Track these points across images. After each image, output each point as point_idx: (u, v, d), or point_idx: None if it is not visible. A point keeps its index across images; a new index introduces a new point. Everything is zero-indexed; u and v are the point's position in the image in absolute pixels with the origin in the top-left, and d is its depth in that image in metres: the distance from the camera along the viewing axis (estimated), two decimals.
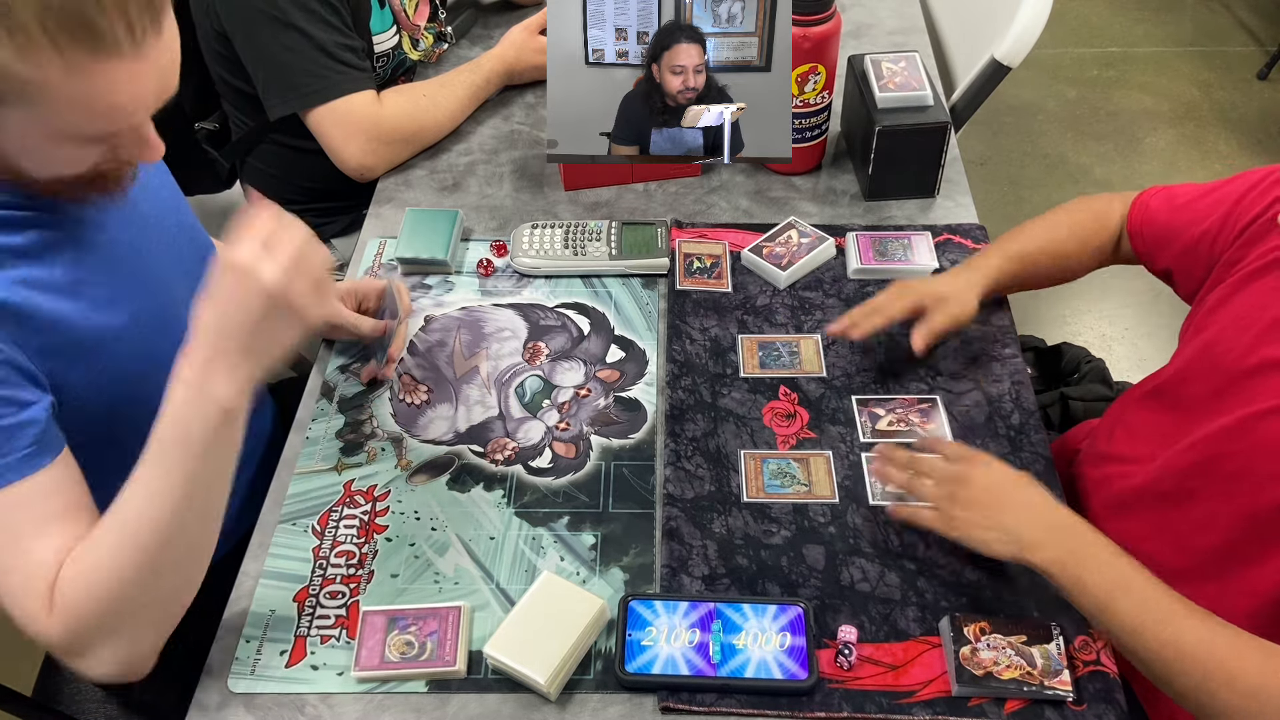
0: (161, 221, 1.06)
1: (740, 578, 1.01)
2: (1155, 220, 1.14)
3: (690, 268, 1.31)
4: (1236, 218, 1.04)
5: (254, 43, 1.41)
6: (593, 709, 0.93)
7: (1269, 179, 1.02)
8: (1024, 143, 2.91)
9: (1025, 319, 2.39)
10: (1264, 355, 0.95)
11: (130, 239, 0.99)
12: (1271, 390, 0.94)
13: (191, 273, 1.08)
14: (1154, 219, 1.14)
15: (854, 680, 0.93)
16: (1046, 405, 1.41)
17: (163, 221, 1.06)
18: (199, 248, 1.13)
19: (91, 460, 0.97)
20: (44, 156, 0.83)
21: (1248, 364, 0.97)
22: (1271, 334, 0.95)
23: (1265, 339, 0.96)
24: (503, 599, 1.00)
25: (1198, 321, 1.07)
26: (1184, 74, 3.12)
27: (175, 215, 1.09)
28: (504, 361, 1.23)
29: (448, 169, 1.49)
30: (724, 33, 1.27)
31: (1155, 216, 1.14)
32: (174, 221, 1.08)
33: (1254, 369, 0.96)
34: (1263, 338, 0.96)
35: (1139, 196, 1.17)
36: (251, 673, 0.96)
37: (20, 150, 0.81)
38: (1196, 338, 1.05)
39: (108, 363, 0.96)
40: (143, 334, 0.99)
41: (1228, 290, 1.02)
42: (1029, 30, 1.50)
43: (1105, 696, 0.91)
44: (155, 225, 1.04)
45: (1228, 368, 0.99)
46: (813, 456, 1.11)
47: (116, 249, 0.97)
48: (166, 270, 1.04)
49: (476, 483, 1.11)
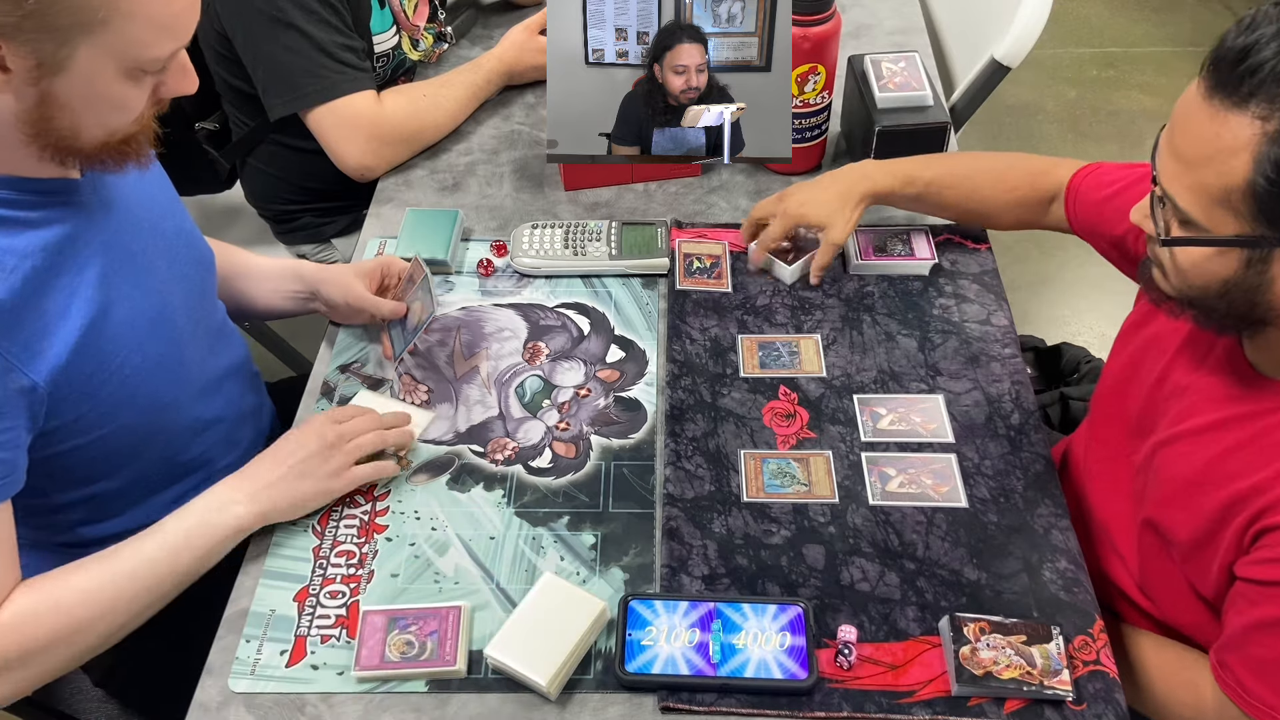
0: (158, 226, 1.06)
1: (740, 577, 1.01)
2: (1085, 204, 1.14)
3: (690, 268, 1.31)
4: None
5: (254, 43, 1.41)
6: (593, 709, 0.93)
7: None
8: (1024, 143, 2.91)
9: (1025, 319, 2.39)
10: (1175, 380, 0.96)
11: (127, 241, 1.00)
12: (1173, 418, 0.95)
13: (188, 277, 1.09)
14: (1084, 203, 1.14)
15: (854, 680, 0.93)
16: (1046, 405, 1.41)
17: (159, 226, 1.06)
18: (194, 253, 1.13)
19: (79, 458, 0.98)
20: (105, 104, 0.86)
21: (1164, 388, 0.97)
22: (1181, 357, 0.96)
23: (1176, 362, 0.96)
24: (503, 599, 1.01)
25: (1126, 329, 1.07)
26: (1184, 74, 3.12)
27: (172, 220, 1.10)
28: (504, 361, 1.23)
29: (448, 169, 1.49)
30: (724, 33, 1.27)
31: (1085, 200, 1.14)
32: (171, 226, 1.09)
33: (1169, 393, 0.97)
34: (1174, 361, 0.97)
35: (1073, 178, 1.16)
36: (251, 672, 0.96)
37: (86, 101, 0.84)
38: (1125, 349, 1.06)
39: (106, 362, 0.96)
40: (138, 336, 0.99)
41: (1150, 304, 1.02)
42: (1029, 30, 1.50)
43: (1105, 696, 0.91)
44: (151, 231, 1.04)
45: (1150, 386, 0.99)
46: (812, 456, 1.11)
47: (115, 251, 0.98)
48: (163, 274, 1.05)
49: (476, 483, 1.11)
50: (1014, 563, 1.01)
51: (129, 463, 1.05)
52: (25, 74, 0.80)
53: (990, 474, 1.09)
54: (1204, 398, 0.93)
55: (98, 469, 1.02)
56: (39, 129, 0.85)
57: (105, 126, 0.88)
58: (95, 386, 0.95)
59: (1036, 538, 1.03)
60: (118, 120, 0.88)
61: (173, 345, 1.05)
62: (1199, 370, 0.94)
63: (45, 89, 0.82)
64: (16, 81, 0.81)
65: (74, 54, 0.80)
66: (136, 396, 1.00)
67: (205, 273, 1.15)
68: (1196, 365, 0.94)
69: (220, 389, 1.16)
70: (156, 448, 1.06)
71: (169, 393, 1.05)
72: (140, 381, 1.00)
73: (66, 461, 0.98)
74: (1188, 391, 0.94)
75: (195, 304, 1.11)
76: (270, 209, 1.72)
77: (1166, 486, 0.94)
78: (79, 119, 0.85)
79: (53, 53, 0.79)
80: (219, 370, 1.16)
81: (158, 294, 1.03)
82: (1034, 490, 1.07)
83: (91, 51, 0.81)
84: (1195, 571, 0.93)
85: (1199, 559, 0.92)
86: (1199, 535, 0.91)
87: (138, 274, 1.00)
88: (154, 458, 1.07)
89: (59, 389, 0.92)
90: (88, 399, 0.95)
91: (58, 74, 0.81)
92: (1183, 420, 0.94)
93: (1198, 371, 0.94)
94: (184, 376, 1.07)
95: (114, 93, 0.85)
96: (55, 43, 0.79)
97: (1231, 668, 0.88)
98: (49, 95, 0.82)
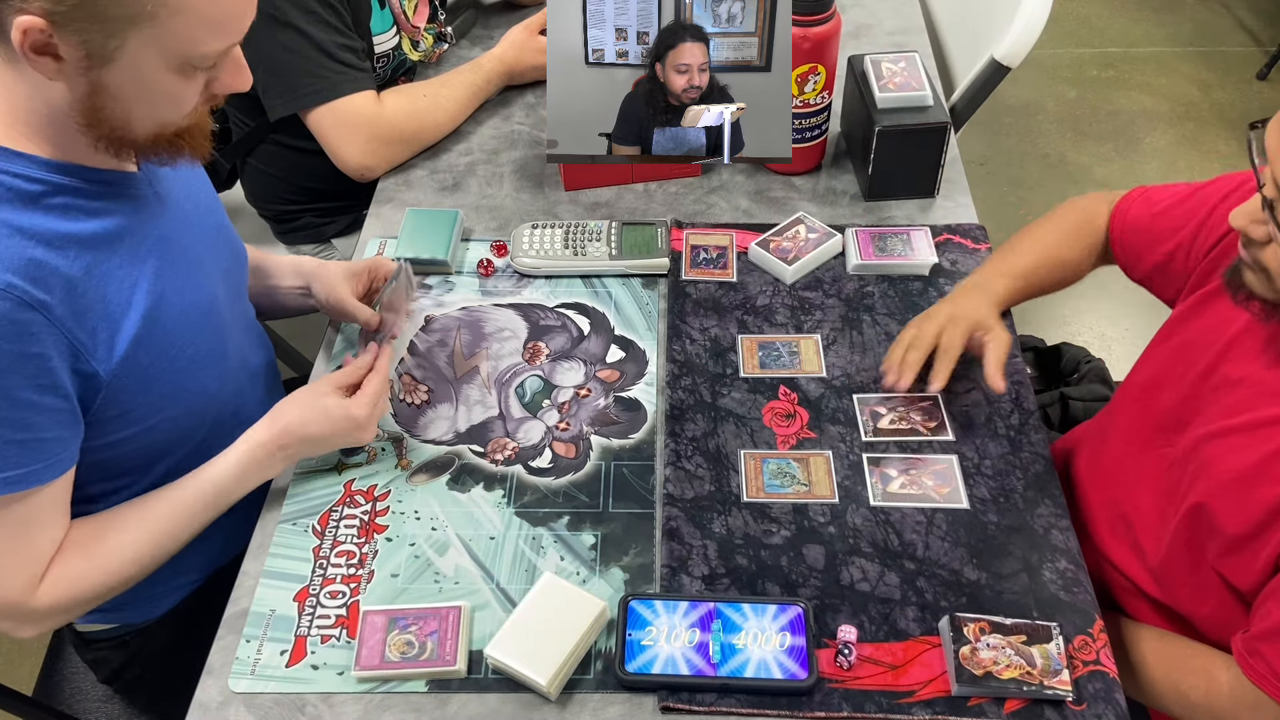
0: (203, 222, 1.08)
1: (740, 577, 1.01)
2: (1135, 228, 1.13)
3: (696, 258, 1.32)
4: (1209, 230, 1.03)
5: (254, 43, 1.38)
6: (593, 709, 0.93)
7: (1242, 189, 1.01)
8: (1024, 143, 2.91)
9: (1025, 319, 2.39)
10: (1224, 373, 0.96)
11: (179, 236, 1.02)
12: (1223, 410, 0.94)
13: (230, 272, 1.12)
14: (1134, 226, 1.13)
15: (854, 680, 0.93)
16: (1046, 405, 1.41)
17: (204, 222, 1.09)
18: (234, 249, 1.16)
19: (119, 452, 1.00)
20: (155, 97, 0.86)
21: (1211, 381, 0.97)
22: (1233, 350, 0.96)
23: (1227, 355, 0.96)
24: (503, 599, 1.01)
25: (1170, 325, 1.07)
26: (1184, 74, 3.12)
27: (214, 216, 1.12)
28: (504, 361, 1.23)
29: (448, 169, 1.49)
30: (724, 33, 1.27)
31: (1135, 224, 1.13)
32: (214, 222, 1.11)
33: (1217, 385, 0.96)
34: (1225, 354, 0.96)
35: (1119, 203, 1.16)
36: (251, 672, 0.96)
37: (136, 93, 0.85)
38: (1166, 343, 1.06)
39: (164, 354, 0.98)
40: (192, 328, 1.01)
41: (1200, 299, 1.02)
42: (1029, 30, 1.50)
43: (1105, 696, 0.91)
44: (198, 225, 1.07)
45: (1193, 380, 0.99)
46: (812, 456, 1.11)
47: (170, 245, 1.00)
48: (209, 268, 1.07)
49: (476, 483, 1.11)
50: (1014, 563, 1.01)
51: (164, 458, 1.05)
52: (76, 63, 0.81)
53: (990, 474, 1.09)
54: (1261, 391, 0.92)
55: (135, 463, 1.03)
56: (92, 118, 0.86)
57: (156, 119, 0.89)
58: (152, 378, 0.97)
59: (1036, 538, 1.03)
60: (169, 113, 0.89)
61: (219, 339, 1.07)
62: (1256, 363, 0.94)
63: (96, 79, 0.83)
64: (69, 70, 0.82)
65: (123, 45, 0.81)
66: (187, 388, 1.02)
67: (242, 269, 1.18)
68: (1253, 358, 0.94)
69: (255, 385, 1.18)
70: (193, 443, 1.07)
71: (214, 385, 1.07)
72: (192, 373, 1.02)
73: (104, 455, 0.99)
74: (1241, 384, 0.94)
75: (235, 300, 1.14)
76: (270, 209, 1.72)
77: (1217, 479, 0.93)
78: (130, 110, 0.86)
79: (102, 43, 0.80)
80: (254, 367, 1.18)
81: (206, 289, 1.05)
82: (1034, 490, 1.07)
83: (140, 44, 0.81)
84: (1237, 564, 0.92)
85: (1245, 551, 0.91)
86: (1250, 529, 0.90)
87: (190, 267, 1.02)
88: (188, 452, 1.07)
89: (119, 379, 0.94)
90: (144, 390, 0.97)
91: (107, 65, 0.82)
92: (1236, 413, 0.93)
93: (1254, 364, 0.94)
94: (228, 370, 1.09)
95: (164, 86, 0.86)
96: (104, 34, 0.79)
97: (1265, 656, 0.88)
98: (100, 85, 0.83)
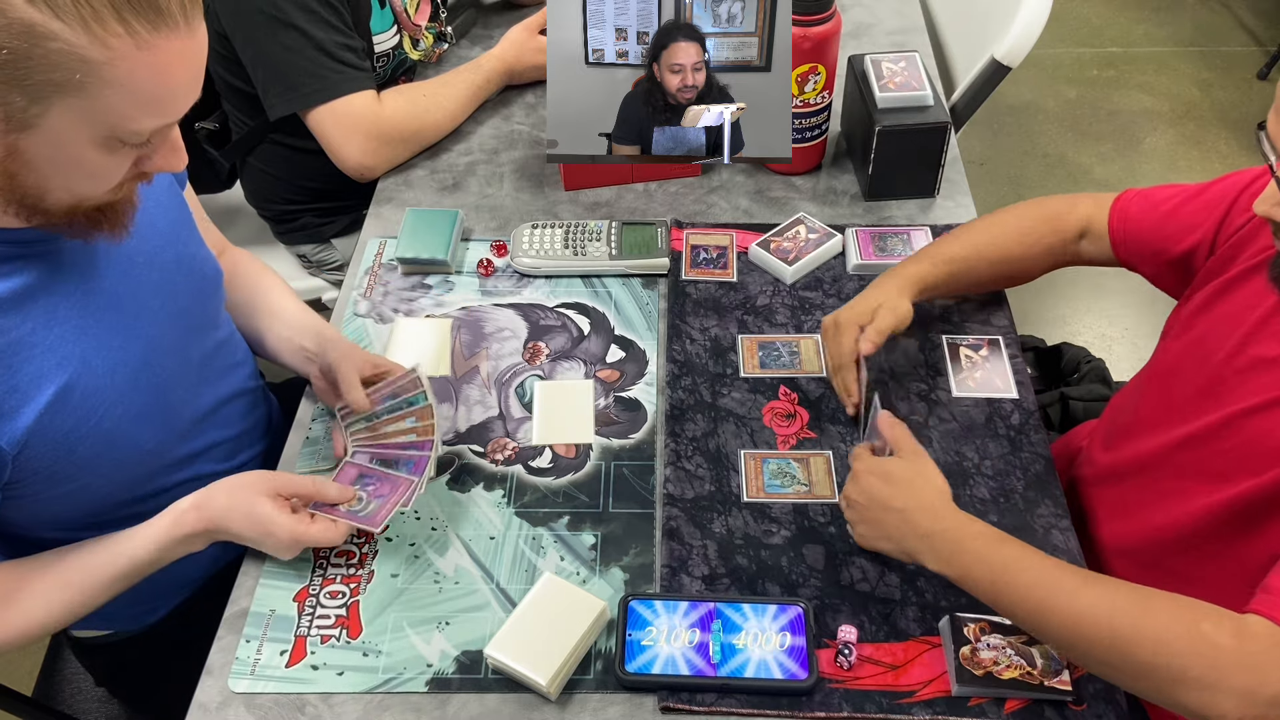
0: (155, 259, 1.00)
1: (740, 578, 1.01)
2: (1140, 227, 1.13)
3: (697, 258, 1.32)
4: (1230, 223, 1.03)
5: (254, 42, 1.41)
6: (593, 709, 0.93)
7: (1260, 181, 1.01)
8: (1024, 143, 2.91)
9: (1025, 319, 2.39)
10: (1253, 354, 0.96)
11: (112, 287, 0.95)
12: (1261, 386, 0.94)
13: (184, 312, 1.04)
14: (1138, 226, 1.13)
15: (854, 680, 0.93)
16: (1046, 405, 1.41)
17: (156, 259, 1.00)
18: (194, 283, 1.07)
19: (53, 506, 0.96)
20: (76, 170, 0.80)
21: (1237, 363, 0.97)
22: (1260, 333, 0.96)
23: (1254, 338, 0.96)
24: (503, 599, 1.01)
25: (1185, 318, 1.07)
26: (1184, 74, 3.12)
27: (173, 249, 1.03)
28: (504, 361, 1.23)
29: (448, 169, 1.49)
30: (724, 32, 1.27)
31: (1139, 223, 1.13)
32: (171, 256, 1.03)
33: (1244, 367, 0.96)
34: (1251, 337, 0.96)
35: (1116, 202, 1.15)
36: (251, 673, 0.96)
37: (54, 164, 0.79)
38: (1185, 334, 1.05)
39: (85, 419, 0.92)
40: (119, 389, 0.95)
41: (1218, 289, 1.02)
42: (1029, 30, 1.50)
43: (1105, 696, 0.91)
44: (146, 266, 0.99)
45: (1216, 365, 0.99)
46: (813, 456, 1.11)
47: (97, 299, 0.94)
48: (154, 314, 1.00)
49: (476, 483, 1.11)
50: None
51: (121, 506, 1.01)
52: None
53: (990, 474, 1.09)
54: None
55: (74, 511, 0.99)
56: (2, 184, 0.80)
57: (73, 192, 0.82)
58: (73, 443, 0.91)
59: (1036, 538, 1.03)
60: (88, 188, 0.83)
61: (157, 393, 1.00)
62: None
63: (12, 144, 0.76)
64: None
65: (45, 113, 0.74)
66: (118, 445, 0.96)
67: (205, 300, 1.09)
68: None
69: (215, 417, 1.11)
70: (136, 487, 1.02)
71: (151, 439, 1.00)
72: (123, 431, 0.96)
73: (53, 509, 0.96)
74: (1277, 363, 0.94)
75: (188, 340, 1.05)
76: (270, 209, 1.72)
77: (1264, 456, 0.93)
78: (45, 180, 0.80)
79: (23, 108, 0.74)
80: (214, 401, 1.10)
81: (144, 338, 0.98)
82: (1034, 490, 1.07)
83: (64, 113, 0.75)
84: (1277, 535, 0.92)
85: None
86: None
87: (123, 320, 0.96)
88: (149, 494, 1.03)
89: (28, 449, 0.88)
90: (66, 454, 0.91)
91: (25, 130, 0.75)
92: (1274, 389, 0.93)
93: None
94: (168, 421, 1.03)
95: (86, 159, 0.79)
96: (26, 98, 0.73)
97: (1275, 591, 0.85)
98: (15, 150, 0.77)
